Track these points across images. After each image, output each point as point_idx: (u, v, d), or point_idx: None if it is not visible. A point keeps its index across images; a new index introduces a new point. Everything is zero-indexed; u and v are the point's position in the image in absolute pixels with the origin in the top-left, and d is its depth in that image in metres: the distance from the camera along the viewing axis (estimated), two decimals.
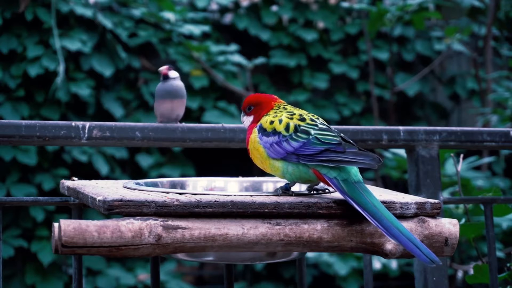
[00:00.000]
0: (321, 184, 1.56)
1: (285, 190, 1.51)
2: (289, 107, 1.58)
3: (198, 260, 1.54)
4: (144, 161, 4.80)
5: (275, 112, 1.57)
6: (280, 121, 1.54)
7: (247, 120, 1.62)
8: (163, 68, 2.08)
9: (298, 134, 1.51)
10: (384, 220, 1.40)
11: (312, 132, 1.51)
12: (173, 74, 2.09)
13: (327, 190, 1.56)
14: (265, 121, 1.56)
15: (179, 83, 2.08)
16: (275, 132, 1.53)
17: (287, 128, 1.53)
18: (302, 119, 1.54)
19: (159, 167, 4.83)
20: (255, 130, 1.56)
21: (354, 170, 1.49)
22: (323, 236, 1.44)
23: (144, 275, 4.59)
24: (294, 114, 1.55)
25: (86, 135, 1.91)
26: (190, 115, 5.02)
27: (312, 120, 1.54)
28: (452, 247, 1.49)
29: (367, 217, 1.41)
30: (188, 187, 1.73)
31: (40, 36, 4.63)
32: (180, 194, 1.46)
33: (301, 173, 1.51)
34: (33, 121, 1.88)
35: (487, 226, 2.05)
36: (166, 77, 2.07)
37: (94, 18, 4.73)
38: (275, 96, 1.63)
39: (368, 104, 5.43)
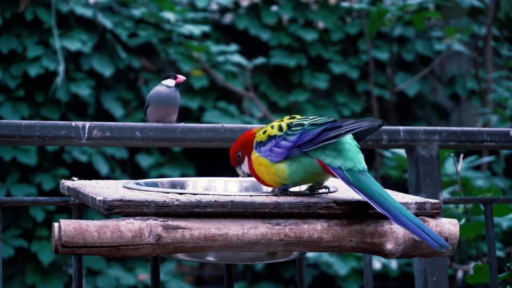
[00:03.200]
0: (326, 184, 1.56)
1: (283, 191, 1.51)
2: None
3: (198, 260, 1.54)
4: (144, 161, 4.80)
5: (264, 127, 1.57)
6: (272, 126, 1.54)
7: (244, 166, 1.59)
8: (181, 78, 2.10)
9: (293, 128, 1.51)
10: (391, 208, 1.40)
11: (306, 122, 1.51)
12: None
13: (327, 190, 1.56)
14: (258, 136, 1.55)
15: (177, 93, 2.11)
16: (270, 137, 1.53)
17: (280, 128, 1.53)
18: (292, 118, 1.54)
19: (159, 167, 4.83)
20: (254, 152, 1.55)
21: (357, 159, 1.48)
22: (323, 236, 1.44)
23: (144, 275, 4.59)
24: (283, 118, 1.56)
25: (86, 135, 1.91)
26: (190, 115, 5.02)
27: (301, 117, 1.55)
28: (452, 247, 1.49)
29: (374, 206, 1.41)
30: (188, 187, 1.73)
31: (40, 36, 4.64)
32: (180, 194, 1.46)
33: (306, 167, 1.49)
34: (33, 121, 1.88)
35: (487, 226, 2.05)
36: (177, 85, 2.10)
37: (94, 18, 4.73)
38: (250, 130, 1.62)
39: (368, 104, 5.43)
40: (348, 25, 5.43)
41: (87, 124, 1.92)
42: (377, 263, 4.36)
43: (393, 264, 4.50)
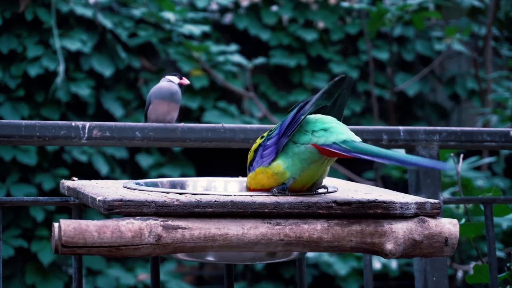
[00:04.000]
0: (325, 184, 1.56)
1: (281, 191, 1.51)
2: None
3: (198, 260, 1.54)
4: (144, 161, 4.80)
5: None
6: (255, 142, 1.56)
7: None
8: (185, 81, 2.12)
9: (272, 130, 1.53)
10: (399, 157, 1.43)
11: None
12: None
13: (326, 190, 1.55)
14: (248, 160, 1.57)
15: (179, 89, 2.12)
16: (256, 150, 1.55)
17: (262, 137, 1.55)
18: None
19: (159, 167, 4.83)
20: (248, 176, 1.56)
21: (349, 133, 1.48)
22: (323, 236, 1.44)
23: (144, 275, 4.59)
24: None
25: (86, 135, 1.91)
26: (190, 115, 5.02)
27: None
28: (452, 247, 1.49)
29: (383, 161, 1.43)
30: (188, 187, 1.73)
31: (40, 36, 4.64)
32: (180, 194, 1.46)
33: (301, 155, 1.49)
34: (33, 121, 1.88)
35: (487, 226, 2.05)
36: (180, 85, 2.11)
37: (94, 18, 4.73)
38: None
39: (368, 104, 5.43)
40: (348, 25, 5.43)
41: (87, 124, 1.92)
42: (377, 263, 4.36)
43: (393, 264, 4.50)
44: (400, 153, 1.45)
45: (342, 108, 1.57)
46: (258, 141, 1.55)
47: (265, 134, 1.55)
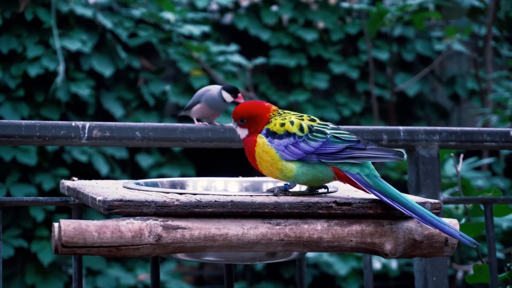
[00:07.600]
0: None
1: (283, 191, 1.50)
2: (288, 111, 1.57)
3: (198, 260, 1.54)
4: (144, 161, 4.80)
5: (280, 116, 1.55)
6: (292, 122, 1.51)
7: (241, 132, 1.57)
8: (241, 99, 2.10)
9: (314, 134, 1.50)
10: (416, 209, 1.42)
11: (328, 131, 1.50)
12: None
13: (326, 190, 1.56)
14: (273, 125, 1.52)
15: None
16: (288, 134, 1.50)
17: (301, 129, 1.50)
18: (312, 120, 1.53)
19: (159, 167, 4.83)
20: (261, 135, 1.52)
21: (371, 166, 1.48)
22: (323, 236, 1.44)
23: (144, 275, 4.59)
24: (302, 115, 1.54)
25: (86, 135, 1.91)
26: None
27: (321, 122, 1.54)
28: (452, 247, 1.49)
29: (399, 208, 1.41)
30: (188, 187, 1.73)
31: (40, 36, 4.63)
32: (180, 194, 1.46)
33: (317, 172, 1.49)
34: (33, 121, 1.88)
35: (487, 226, 2.05)
36: (233, 102, 2.11)
37: (94, 18, 4.73)
38: (266, 103, 1.59)
39: (368, 104, 5.43)
40: (348, 25, 5.43)
41: (87, 124, 1.92)
42: (377, 263, 4.36)
43: (393, 264, 4.50)
44: (423, 208, 1.42)
45: None
46: (296, 129, 1.50)
47: (305, 127, 1.50)
